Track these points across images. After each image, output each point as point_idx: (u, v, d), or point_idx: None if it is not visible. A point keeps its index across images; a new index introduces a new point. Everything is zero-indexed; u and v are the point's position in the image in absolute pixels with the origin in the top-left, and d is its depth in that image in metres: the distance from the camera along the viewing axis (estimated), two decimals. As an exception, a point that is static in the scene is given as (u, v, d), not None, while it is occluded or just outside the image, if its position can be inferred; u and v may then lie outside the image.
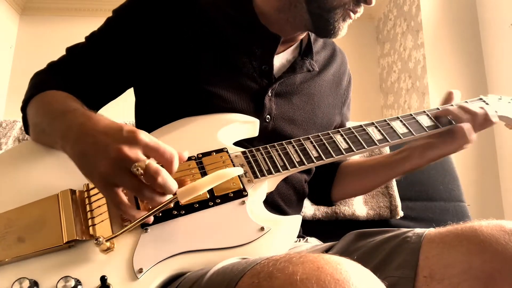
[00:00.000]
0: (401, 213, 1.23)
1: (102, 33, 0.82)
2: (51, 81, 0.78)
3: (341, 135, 0.74)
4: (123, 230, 0.55)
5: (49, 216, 0.59)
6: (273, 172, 0.67)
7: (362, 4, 0.75)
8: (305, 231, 0.94)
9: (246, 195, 0.64)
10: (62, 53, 0.84)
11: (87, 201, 0.61)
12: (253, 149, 0.71)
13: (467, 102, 0.83)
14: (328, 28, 0.76)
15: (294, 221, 0.63)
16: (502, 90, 2.46)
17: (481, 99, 0.86)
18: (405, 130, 0.76)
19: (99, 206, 0.60)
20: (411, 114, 0.79)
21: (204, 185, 0.54)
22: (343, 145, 0.73)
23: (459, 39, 2.68)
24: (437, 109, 0.81)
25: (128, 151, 0.52)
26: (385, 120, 0.78)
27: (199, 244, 0.56)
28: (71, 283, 0.49)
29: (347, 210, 1.21)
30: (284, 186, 0.81)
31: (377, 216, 1.22)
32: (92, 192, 0.63)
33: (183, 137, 0.72)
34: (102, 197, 0.61)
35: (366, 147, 0.73)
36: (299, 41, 0.88)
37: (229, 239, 0.57)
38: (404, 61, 3.11)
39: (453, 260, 0.55)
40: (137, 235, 0.57)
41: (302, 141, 0.73)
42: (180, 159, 0.56)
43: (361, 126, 0.77)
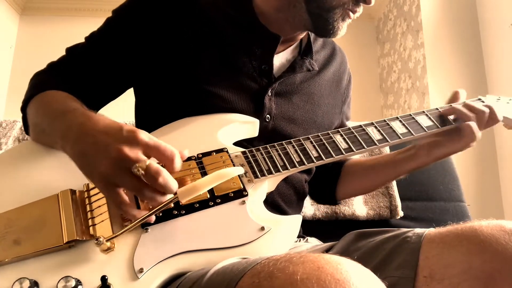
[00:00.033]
0: (401, 213, 1.23)
1: (101, 34, 0.82)
2: (51, 81, 0.78)
3: (341, 135, 0.75)
4: (124, 230, 0.55)
5: (49, 216, 0.58)
6: (273, 172, 0.67)
7: (361, 4, 0.75)
8: (305, 231, 0.94)
9: (246, 195, 0.64)
10: (62, 53, 0.84)
11: (87, 201, 0.61)
12: (253, 149, 0.71)
13: (463, 104, 0.83)
14: (327, 28, 0.76)
15: (294, 220, 0.63)
16: (502, 90, 2.46)
17: (479, 99, 0.86)
18: (404, 130, 0.77)
19: (99, 206, 0.60)
20: (410, 114, 0.80)
21: (205, 184, 0.54)
22: (342, 145, 0.73)
23: (459, 39, 2.68)
24: (436, 109, 0.81)
25: (129, 151, 0.52)
26: (385, 120, 0.78)
27: (200, 244, 0.56)
28: (72, 283, 0.49)
29: (347, 210, 1.21)
30: (284, 186, 0.81)
31: (377, 216, 1.22)
32: (92, 192, 0.63)
33: (183, 137, 0.72)
34: (102, 197, 0.61)
35: (365, 147, 0.73)
36: (299, 40, 0.88)
37: (229, 239, 0.57)
38: (404, 61, 3.11)
39: (453, 260, 0.55)
40: (137, 235, 0.57)
41: (302, 141, 0.73)
42: (180, 157, 0.56)
43: (360, 126, 0.77)
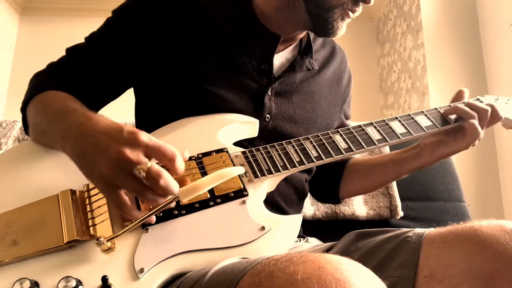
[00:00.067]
0: (401, 213, 1.23)
1: (101, 34, 0.82)
2: (51, 81, 0.78)
3: (341, 135, 0.75)
4: (124, 230, 0.55)
5: (50, 217, 0.58)
6: (273, 172, 0.67)
7: (361, 3, 0.76)
8: (305, 231, 0.94)
9: (247, 195, 0.64)
10: (62, 53, 0.84)
11: (87, 201, 0.61)
12: (253, 149, 0.71)
13: (465, 103, 0.83)
14: (327, 28, 0.76)
15: (295, 220, 0.63)
16: (502, 90, 2.46)
17: (478, 99, 0.86)
18: (403, 130, 0.77)
19: (100, 206, 0.60)
20: (410, 114, 0.80)
21: (205, 184, 0.54)
22: (342, 145, 0.73)
23: (459, 39, 2.68)
24: (435, 109, 0.82)
25: (130, 153, 0.51)
26: (384, 120, 0.78)
27: (200, 243, 0.56)
28: (72, 283, 0.49)
29: (347, 210, 1.21)
30: (284, 186, 0.81)
31: (377, 216, 1.22)
32: (93, 192, 0.62)
33: (183, 137, 0.72)
34: (102, 197, 0.61)
35: (365, 147, 0.73)
36: (299, 40, 0.88)
37: (229, 239, 0.57)
38: (404, 61, 3.11)
39: (453, 260, 0.55)
40: (138, 235, 0.57)
41: (302, 141, 0.73)
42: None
43: (360, 126, 0.77)
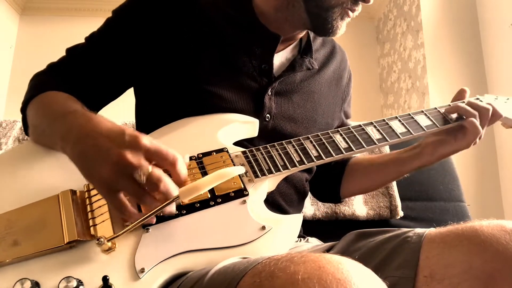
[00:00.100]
0: (401, 213, 1.23)
1: (101, 34, 0.82)
2: (51, 82, 0.78)
3: (341, 134, 0.75)
4: (125, 230, 0.55)
5: (50, 217, 0.58)
6: (273, 172, 0.68)
7: (360, 3, 0.75)
8: (305, 231, 0.94)
9: (247, 195, 0.64)
10: (62, 53, 0.84)
11: (87, 201, 0.61)
12: (253, 148, 0.71)
13: (464, 102, 0.83)
14: (326, 27, 0.76)
15: (295, 220, 0.63)
16: (502, 90, 2.46)
17: (477, 99, 0.86)
18: (403, 129, 0.77)
19: (100, 206, 0.60)
20: (410, 114, 0.80)
21: (206, 184, 0.54)
22: (342, 144, 0.73)
23: (459, 39, 2.68)
24: (435, 108, 0.82)
25: (131, 157, 0.51)
26: (384, 120, 0.78)
27: (200, 243, 0.56)
28: (73, 283, 0.49)
29: (347, 210, 1.21)
30: (284, 186, 0.81)
31: (377, 216, 1.22)
32: (93, 192, 0.62)
33: (183, 137, 0.72)
34: (102, 197, 0.61)
35: (365, 146, 0.73)
36: (299, 39, 0.88)
37: (230, 239, 0.57)
38: (404, 61, 3.11)
39: (453, 260, 0.55)
40: (138, 235, 0.57)
41: (302, 141, 0.73)
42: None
43: (360, 125, 0.77)
